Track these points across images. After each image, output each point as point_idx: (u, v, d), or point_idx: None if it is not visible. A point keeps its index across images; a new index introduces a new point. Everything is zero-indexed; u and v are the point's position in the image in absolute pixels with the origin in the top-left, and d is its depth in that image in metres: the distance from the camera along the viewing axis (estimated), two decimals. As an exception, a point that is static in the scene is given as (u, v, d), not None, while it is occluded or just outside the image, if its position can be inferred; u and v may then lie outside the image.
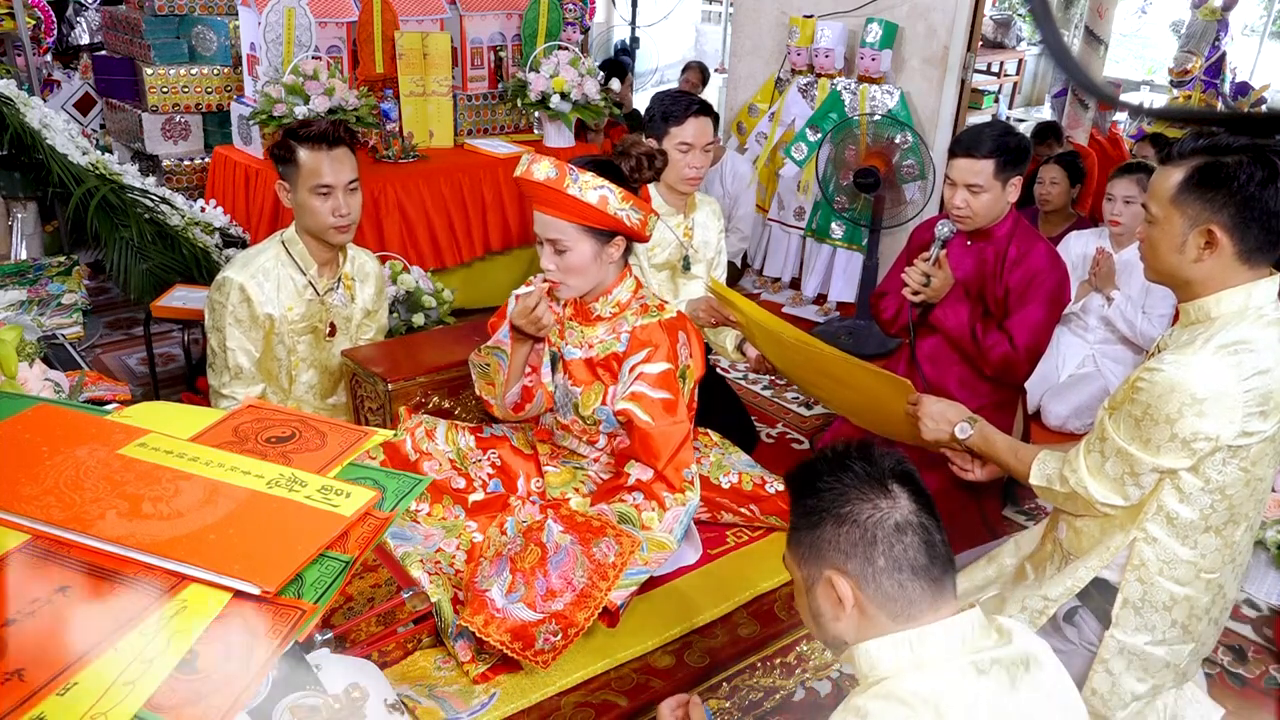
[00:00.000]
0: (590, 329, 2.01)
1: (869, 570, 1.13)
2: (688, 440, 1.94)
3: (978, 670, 1.10)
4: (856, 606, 1.15)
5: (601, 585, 1.74)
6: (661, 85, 8.53)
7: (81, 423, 1.16)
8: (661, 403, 1.91)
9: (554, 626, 1.68)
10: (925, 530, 1.16)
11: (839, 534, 1.15)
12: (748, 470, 2.26)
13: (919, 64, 4.44)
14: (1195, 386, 1.53)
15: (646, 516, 1.85)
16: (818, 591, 1.18)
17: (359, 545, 1.01)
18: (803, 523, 1.19)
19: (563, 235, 1.87)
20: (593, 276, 1.94)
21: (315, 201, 2.34)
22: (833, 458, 1.20)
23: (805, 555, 1.19)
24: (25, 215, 3.87)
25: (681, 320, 2.02)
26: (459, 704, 1.66)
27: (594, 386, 2.00)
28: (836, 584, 1.15)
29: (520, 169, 1.89)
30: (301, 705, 1.00)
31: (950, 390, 2.63)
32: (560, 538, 1.78)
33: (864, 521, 1.14)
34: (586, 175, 1.83)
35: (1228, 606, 1.78)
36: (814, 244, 4.82)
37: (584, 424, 2.04)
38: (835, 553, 1.15)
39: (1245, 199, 1.53)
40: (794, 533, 1.21)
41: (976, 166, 2.49)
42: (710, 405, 3.01)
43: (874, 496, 1.15)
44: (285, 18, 3.68)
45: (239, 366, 2.42)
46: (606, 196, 1.83)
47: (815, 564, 1.18)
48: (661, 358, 1.93)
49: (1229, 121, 2.25)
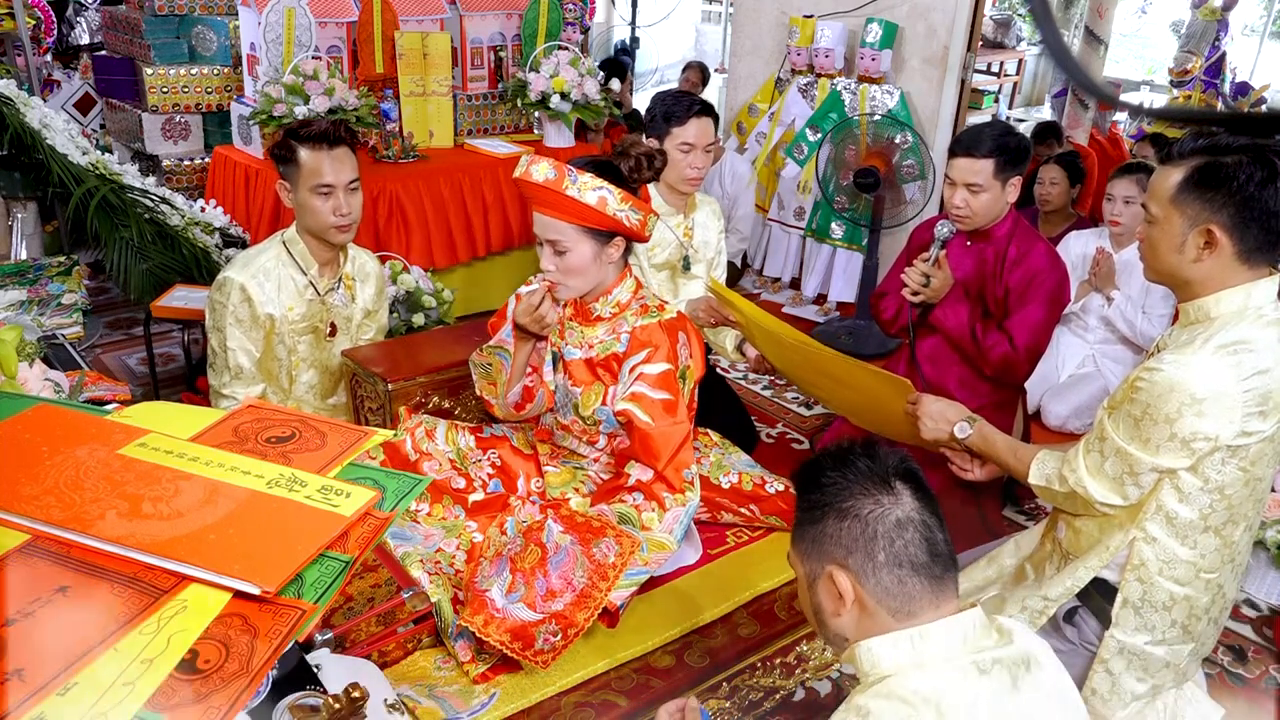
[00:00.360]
0: (590, 329, 2.01)
1: (869, 565, 1.14)
2: (688, 441, 1.94)
3: (979, 670, 1.10)
4: (857, 602, 1.15)
5: (601, 586, 1.74)
6: (662, 85, 8.53)
7: (81, 423, 1.16)
8: (661, 403, 1.91)
9: (554, 626, 1.68)
10: (927, 528, 1.16)
11: (840, 529, 1.15)
12: (747, 470, 2.27)
13: (919, 64, 4.44)
14: (1195, 386, 1.53)
15: (646, 517, 1.85)
16: (819, 587, 1.19)
17: (359, 545, 1.01)
18: (806, 518, 1.20)
19: (562, 236, 1.88)
20: (593, 277, 1.95)
21: (316, 201, 2.34)
22: (837, 454, 1.21)
23: (808, 550, 1.19)
24: (25, 215, 3.87)
25: (681, 321, 2.02)
26: (459, 704, 1.66)
27: (594, 387, 2.00)
28: (837, 579, 1.15)
29: (519, 170, 1.89)
30: (301, 705, 1.00)
31: (950, 390, 2.63)
32: (560, 538, 1.78)
33: (865, 516, 1.14)
34: (585, 176, 1.84)
35: (1227, 606, 1.78)
36: (814, 244, 4.82)
37: (584, 424, 2.05)
38: (837, 547, 1.15)
39: (1245, 199, 1.53)
40: (798, 528, 1.22)
41: (976, 166, 2.49)
42: (710, 405, 3.01)
43: (876, 492, 1.16)
44: (285, 18, 3.68)
45: (239, 366, 2.42)
46: (605, 197, 1.84)
47: (817, 559, 1.18)
48: (662, 358, 1.93)
49: (1229, 121, 2.25)
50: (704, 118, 2.64)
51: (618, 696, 1.76)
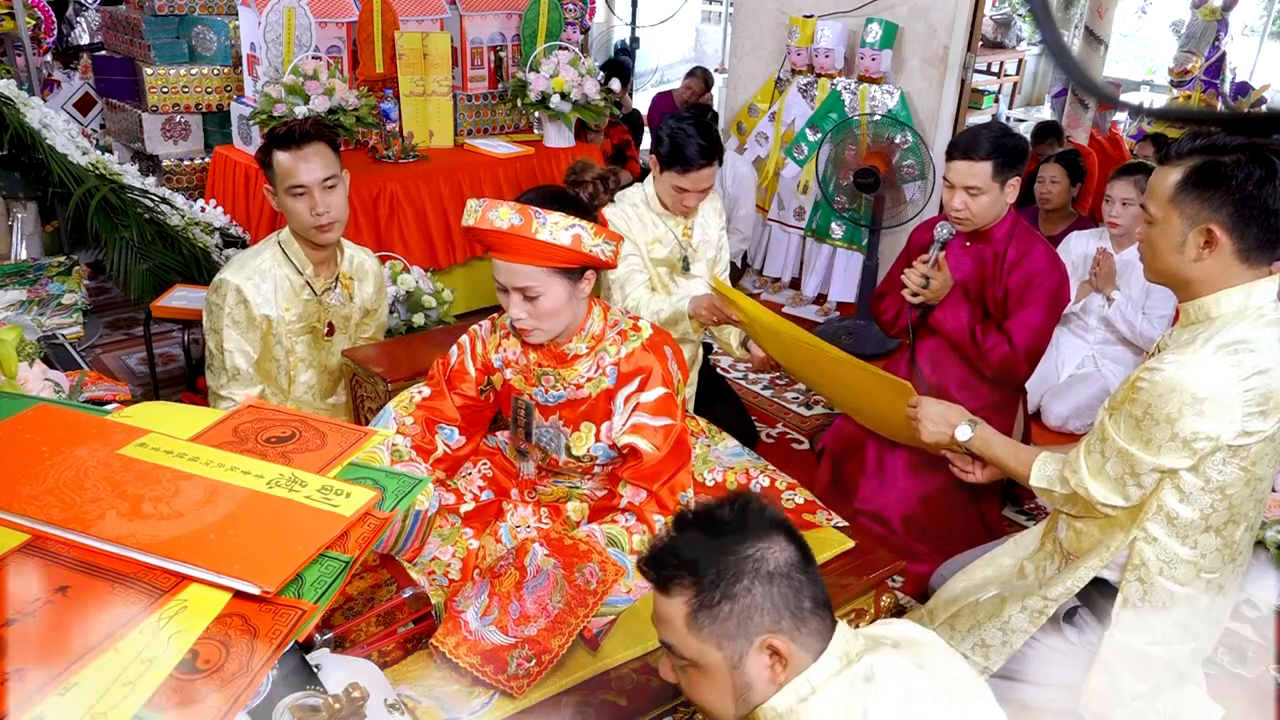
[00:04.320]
0: (569, 370, 1.89)
1: (798, 618, 1.11)
2: (687, 465, 1.90)
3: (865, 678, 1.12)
4: (790, 659, 1.11)
5: (579, 612, 1.70)
6: (662, 85, 8.51)
7: (81, 423, 1.16)
8: (664, 429, 1.85)
9: (527, 652, 1.65)
10: (804, 557, 1.15)
11: (771, 593, 1.10)
12: (733, 463, 2.22)
13: (919, 64, 4.44)
14: (1195, 386, 1.53)
15: (636, 540, 1.81)
16: (748, 666, 1.11)
17: (359, 545, 1.01)
18: (712, 605, 1.10)
19: (533, 281, 1.74)
20: (566, 316, 1.82)
21: (292, 203, 2.32)
22: (696, 531, 1.14)
23: (726, 634, 1.10)
24: (25, 215, 3.87)
25: (661, 335, 1.93)
26: (459, 704, 1.66)
27: (583, 427, 1.94)
28: (777, 644, 1.10)
29: (471, 218, 1.73)
30: (301, 705, 1.00)
31: (950, 391, 2.63)
32: (543, 561, 1.75)
33: (780, 571, 1.10)
34: (554, 215, 1.70)
35: (1228, 606, 1.78)
36: (814, 244, 4.82)
37: (577, 463, 1.99)
38: (764, 616, 1.10)
39: (1244, 198, 1.53)
40: (696, 621, 1.11)
41: (974, 169, 2.49)
42: (710, 404, 3.01)
43: (762, 543, 1.12)
44: (285, 18, 3.68)
45: (237, 368, 2.42)
46: (580, 235, 1.71)
47: (741, 638, 1.10)
48: (657, 383, 1.85)
49: (1229, 121, 2.25)
50: (709, 168, 2.61)
51: (618, 696, 1.75)
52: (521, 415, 1.94)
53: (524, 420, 1.94)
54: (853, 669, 1.13)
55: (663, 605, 1.14)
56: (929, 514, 2.64)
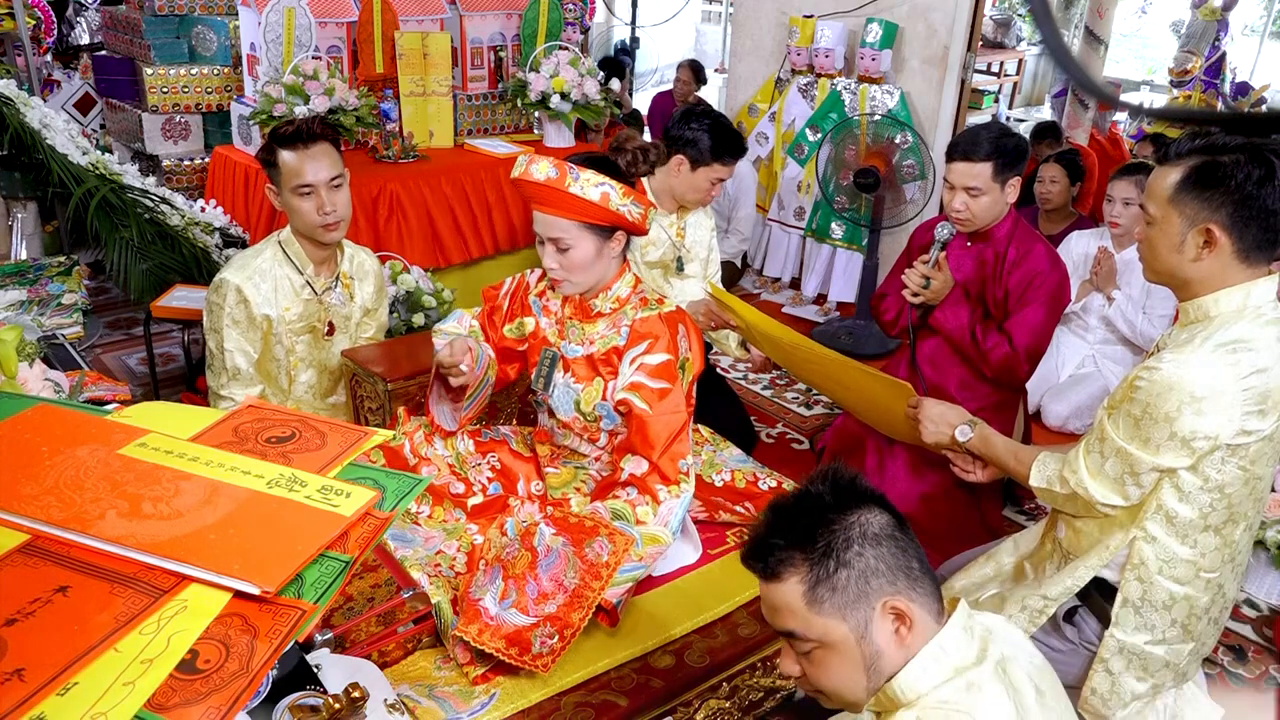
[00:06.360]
0: (590, 325, 2.02)
1: (911, 580, 1.11)
2: (685, 431, 1.94)
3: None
4: (913, 622, 1.10)
5: (594, 585, 1.73)
6: (661, 85, 8.51)
7: (81, 423, 1.16)
8: (660, 391, 1.92)
9: (549, 629, 1.68)
10: (899, 520, 1.15)
11: (881, 554, 1.09)
12: (739, 467, 2.26)
13: (919, 64, 4.44)
14: (1194, 385, 1.53)
15: (641, 511, 1.85)
16: (874, 632, 1.10)
17: (359, 545, 1.01)
18: (828, 575, 1.09)
19: (565, 234, 1.89)
20: (596, 272, 1.96)
21: (298, 202, 2.32)
22: (805, 499, 1.15)
23: (849, 602, 1.09)
24: (25, 215, 3.87)
25: (681, 314, 2.04)
26: (459, 704, 1.66)
27: (595, 382, 2.01)
28: (898, 606, 1.09)
29: (518, 170, 1.89)
30: (301, 705, 1.00)
31: (951, 392, 2.63)
32: (552, 540, 1.78)
33: (879, 533, 1.11)
34: (587, 173, 1.85)
35: (1227, 606, 1.78)
36: (814, 244, 4.82)
37: (585, 420, 2.05)
38: (880, 579, 1.09)
39: (1243, 197, 1.53)
40: (819, 593, 1.10)
41: (974, 169, 2.49)
42: (710, 405, 3.01)
43: (863, 510, 1.13)
44: (285, 18, 3.68)
45: (237, 368, 2.42)
46: (608, 193, 1.85)
47: (864, 605, 1.09)
48: (662, 349, 1.95)
49: (1228, 121, 2.25)
50: (739, 159, 2.79)
51: (618, 696, 1.75)
52: (546, 366, 2.07)
53: (547, 371, 2.07)
54: (984, 651, 1.11)
55: (776, 593, 1.13)
56: (929, 514, 2.64)
